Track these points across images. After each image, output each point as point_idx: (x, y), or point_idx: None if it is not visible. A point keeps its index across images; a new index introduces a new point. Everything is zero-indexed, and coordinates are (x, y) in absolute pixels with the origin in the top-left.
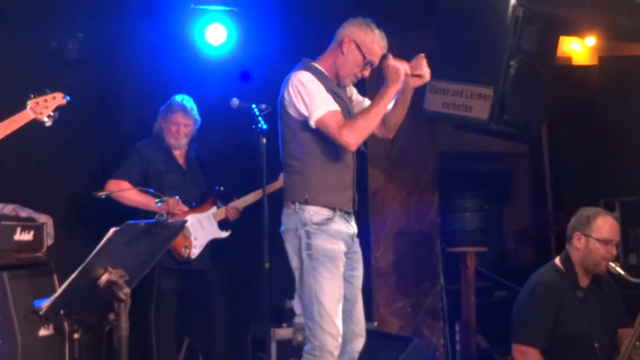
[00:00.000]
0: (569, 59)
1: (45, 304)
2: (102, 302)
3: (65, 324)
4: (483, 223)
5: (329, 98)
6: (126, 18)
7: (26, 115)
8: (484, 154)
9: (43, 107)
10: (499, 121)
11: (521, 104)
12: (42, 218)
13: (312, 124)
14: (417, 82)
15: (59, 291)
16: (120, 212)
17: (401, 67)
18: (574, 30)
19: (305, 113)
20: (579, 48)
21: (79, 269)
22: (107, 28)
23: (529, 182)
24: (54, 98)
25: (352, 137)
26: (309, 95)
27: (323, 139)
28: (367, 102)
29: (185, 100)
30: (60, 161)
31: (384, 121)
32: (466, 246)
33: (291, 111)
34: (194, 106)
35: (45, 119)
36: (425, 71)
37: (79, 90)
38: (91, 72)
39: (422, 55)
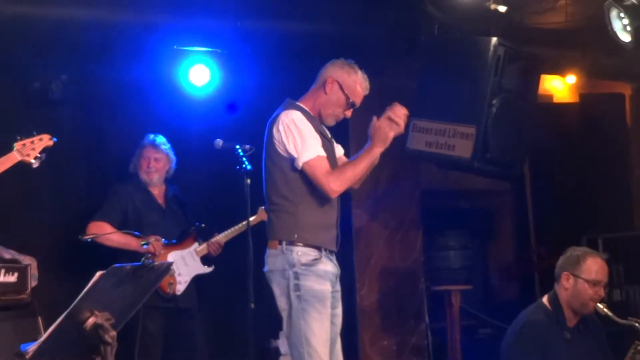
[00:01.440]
0: (550, 96)
1: (31, 347)
2: (88, 345)
3: None
4: (467, 261)
5: (317, 141)
6: (109, 59)
7: (13, 157)
8: (467, 191)
9: (30, 149)
10: (481, 160)
11: (503, 142)
12: (26, 260)
13: (299, 165)
14: (390, 129)
15: (45, 335)
16: (104, 254)
17: (391, 130)
18: (554, 68)
19: (294, 154)
20: (560, 86)
21: (65, 312)
22: (90, 69)
23: (512, 219)
24: (40, 139)
25: (337, 185)
26: (300, 136)
27: (309, 179)
28: (339, 148)
29: (156, 136)
30: (44, 202)
31: None
32: (451, 284)
33: (281, 150)
34: (167, 143)
35: (32, 161)
36: (401, 120)
37: (62, 131)
38: (74, 113)
39: (397, 103)
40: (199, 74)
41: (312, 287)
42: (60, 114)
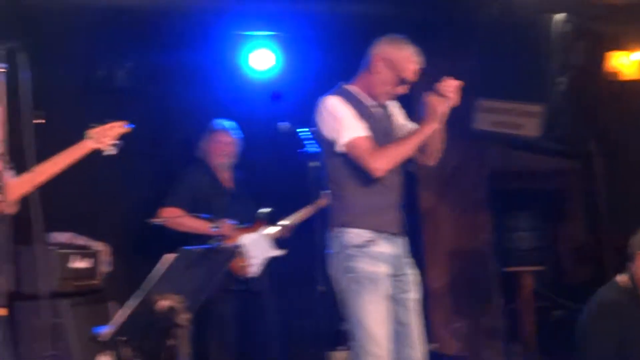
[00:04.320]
0: (616, 73)
1: (106, 330)
2: (162, 328)
3: (123, 351)
4: (538, 242)
5: (357, 123)
6: (173, 45)
7: (87, 144)
8: (535, 172)
9: (103, 136)
10: (549, 138)
11: (571, 120)
12: (99, 246)
13: (340, 148)
14: (442, 105)
15: (120, 318)
16: (175, 239)
17: (442, 104)
18: (620, 45)
19: (334, 138)
20: (626, 62)
21: (139, 296)
22: (154, 56)
23: (581, 199)
24: (113, 127)
25: (381, 164)
26: (336, 120)
27: (352, 162)
28: (409, 126)
29: (226, 121)
30: (114, 189)
31: (422, 149)
32: (522, 266)
33: (323, 136)
34: (234, 128)
35: (107, 148)
36: (451, 93)
37: (127, 118)
38: (139, 100)
39: (451, 79)
40: (262, 58)
41: (364, 269)
42: (125, 101)
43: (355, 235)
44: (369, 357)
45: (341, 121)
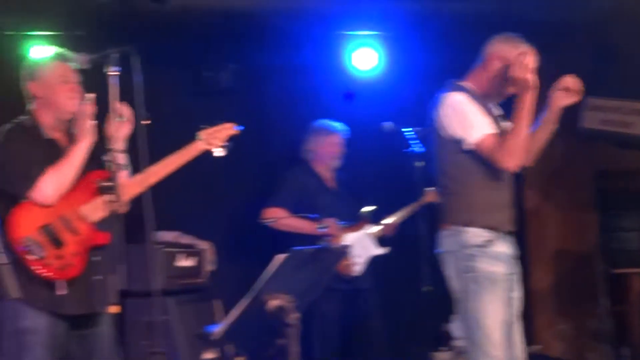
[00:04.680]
0: None
1: (217, 329)
2: (271, 327)
3: (227, 348)
4: None
5: (485, 120)
6: (276, 46)
7: (198, 146)
8: None
9: (214, 138)
10: None
11: None
12: (204, 245)
13: (468, 146)
14: (564, 100)
15: (232, 317)
16: (278, 239)
17: (565, 99)
18: None
19: (461, 136)
20: None
21: (249, 295)
22: (258, 57)
23: None
24: (224, 128)
25: (512, 160)
26: (464, 118)
27: (480, 159)
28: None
29: (332, 122)
30: (219, 190)
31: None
32: (630, 267)
33: (446, 133)
34: (342, 129)
35: (216, 150)
36: (575, 85)
37: (232, 118)
38: (243, 100)
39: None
40: (364, 58)
41: (485, 269)
42: (230, 102)
43: (475, 234)
44: (486, 359)
45: (469, 118)
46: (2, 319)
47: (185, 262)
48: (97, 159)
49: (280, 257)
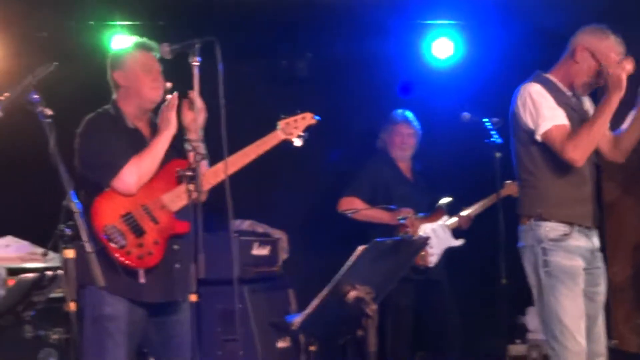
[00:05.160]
0: None
1: (297, 319)
2: (348, 318)
3: (301, 337)
4: None
5: (556, 111)
6: (353, 36)
7: (277, 136)
8: None
9: (293, 128)
10: None
11: None
12: (277, 233)
13: (538, 137)
14: None
15: (311, 307)
16: (349, 228)
17: (623, 72)
18: None
19: (532, 126)
20: None
21: (329, 286)
22: (335, 46)
23: None
24: (303, 118)
25: (577, 153)
26: (535, 108)
27: (551, 151)
28: None
29: (407, 112)
30: (294, 179)
31: (616, 143)
32: None
33: (521, 124)
34: (416, 120)
35: (295, 139)
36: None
37: (308, 108)
38: (320, 89)
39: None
40: (442, 47)
41: (561, 262)
42: (307, 91)
43: (551, 228)
44: (566, 352)
45: (540, 109)
46: (84, 305)
47: (259, 251)
48: (177, 148)
49: (360, 249)
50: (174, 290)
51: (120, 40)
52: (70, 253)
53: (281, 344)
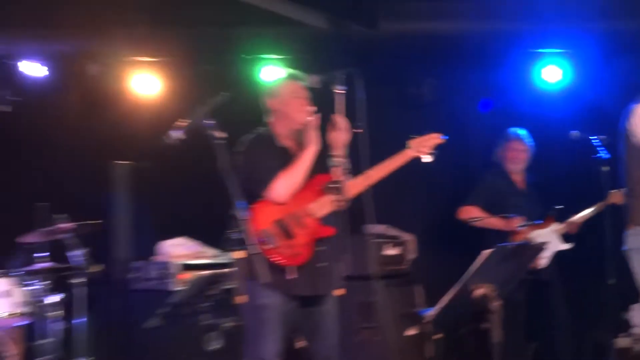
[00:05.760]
0: None
1: (430, 312)
2: (474, 313)
3: (427, 326)
4: None
5: None
6: (471, 64)
7: (408, 153)
8: None
9: (422, 146)
10: None
11: None
12: (406, 236)
13: None
14: None
15: (443, 302)
16: (466, 234)
17: None
18: None
19: None
20: None
21: (458, 284)
22: (454, 73)
23: None
24: (431, 138)
25: None
26: None
27: None
28: None
29: (519, 130)
30: (421, 189)
31: None
32: None
33: (634, 140)
34: (529, 137)
35: (424, 156)
36: None
37: (433, 129)
38: (443, 112)
39: None
40: (552, 73)
41: None
42: (431, 114)
43: None
44: None
45: None
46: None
47: (391, 251)
48: (322, 163)
49: (486, 252)
50: (319, 285)
51: (269, 71)
52: (239, 254)
53: (408, 333)
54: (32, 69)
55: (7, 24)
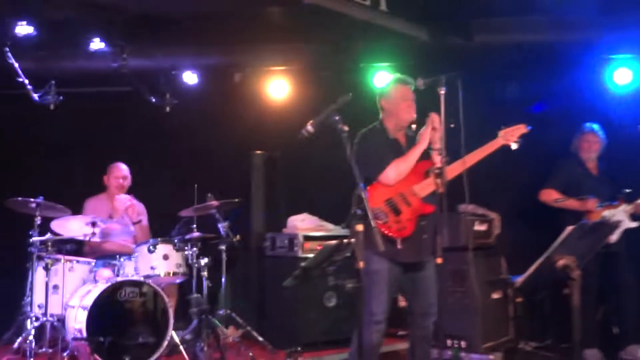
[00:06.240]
0: None
1: (519, 279)
2: (556, 280)
3: (510, 291)
4: None
5: None
6: (551, 69)
7: (498, 141)
8: None
9: (510, 135)
10: None
11: None
12: (492, 214)
13: None
14: None
15: (530, 271)
16: (547, 212)
17: None
18: None
19: None
20: None
21: (545, 255)
22: (536, 76)
23: None
24: (518, 128)
25: None
26: None
27: None
28: None
29: (593, 125)
30: (509, 173)
31: None
32: None
33: None
34: (601, 130)
35: (512, 144)
36: None
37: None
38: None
39: None
40: (622, 76)
41: None
42: (516, 110)
43: None
44: None
45: None
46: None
47: (479, 227)
48: (424, 151)
49: (570, 228)
50: (421, 253)
51: (382, 77)
52: (360, 227)
53: (494, 296)
54: (189, 77)
55: (171, 42)
